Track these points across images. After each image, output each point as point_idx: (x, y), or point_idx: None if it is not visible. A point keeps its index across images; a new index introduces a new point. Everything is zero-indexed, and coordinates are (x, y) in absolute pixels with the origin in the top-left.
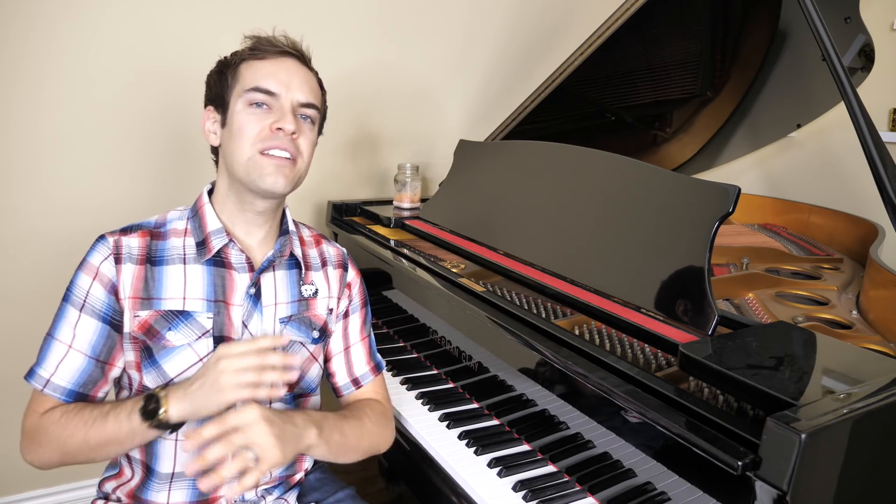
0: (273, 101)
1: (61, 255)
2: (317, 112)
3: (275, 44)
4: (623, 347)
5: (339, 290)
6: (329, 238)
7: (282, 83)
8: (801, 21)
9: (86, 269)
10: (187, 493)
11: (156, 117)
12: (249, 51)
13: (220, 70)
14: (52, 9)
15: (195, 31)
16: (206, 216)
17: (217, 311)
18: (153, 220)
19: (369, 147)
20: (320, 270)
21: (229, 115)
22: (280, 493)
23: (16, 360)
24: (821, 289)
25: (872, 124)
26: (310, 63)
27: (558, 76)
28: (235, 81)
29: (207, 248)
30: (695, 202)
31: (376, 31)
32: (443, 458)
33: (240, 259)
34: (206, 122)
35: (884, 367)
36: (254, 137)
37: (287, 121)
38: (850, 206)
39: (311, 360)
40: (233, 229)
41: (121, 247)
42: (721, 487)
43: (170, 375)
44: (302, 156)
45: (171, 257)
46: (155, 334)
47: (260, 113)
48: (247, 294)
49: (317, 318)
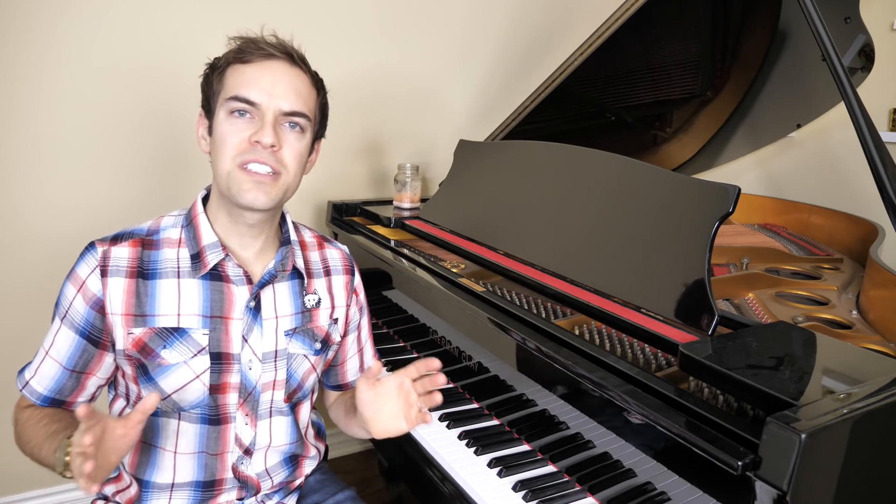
0: (254, 110)
1: (61, 256)
2: (306, 120)
3: (260, 46)
4: (623, 347)
5: (347, 297)
6: (330, 238)
7: (263, 90)
8: (801, 21)
9: (73, 279)
10: (187, 502)
11: (156, 118)
12: (235, 54)
13: (207, 74)
14: (51, 9)
15: (196, 32)
16: (200, 227)
17: (213, 326)
18: (146, 226)
19: (369, 147)
20: (323, 278)
21: (214, 122)
22: (280, 497)
23: (15, 360)
24: (821, 289)
25: (872, 124)
26: (302, 62)
27: (558, 76)
28: (221, 87)
29: (203, 262)
30: (695, 202)
31: (376, 31)
32: (443, 458)
33: (237, 273)
34: (198, 127)
35: (884, 367)
36: (233, 150)
37: (265, 133)
38: (850, 206)
39: (311, 371)
40: (227, 241)
41: (108, 258)
42: (721, 487)
43: (167, 392)
44: (286, 168)
45: (165, 270)
46: (150, 352)
47: (240, 123)
48: (246, 308)
49: (319, 329)
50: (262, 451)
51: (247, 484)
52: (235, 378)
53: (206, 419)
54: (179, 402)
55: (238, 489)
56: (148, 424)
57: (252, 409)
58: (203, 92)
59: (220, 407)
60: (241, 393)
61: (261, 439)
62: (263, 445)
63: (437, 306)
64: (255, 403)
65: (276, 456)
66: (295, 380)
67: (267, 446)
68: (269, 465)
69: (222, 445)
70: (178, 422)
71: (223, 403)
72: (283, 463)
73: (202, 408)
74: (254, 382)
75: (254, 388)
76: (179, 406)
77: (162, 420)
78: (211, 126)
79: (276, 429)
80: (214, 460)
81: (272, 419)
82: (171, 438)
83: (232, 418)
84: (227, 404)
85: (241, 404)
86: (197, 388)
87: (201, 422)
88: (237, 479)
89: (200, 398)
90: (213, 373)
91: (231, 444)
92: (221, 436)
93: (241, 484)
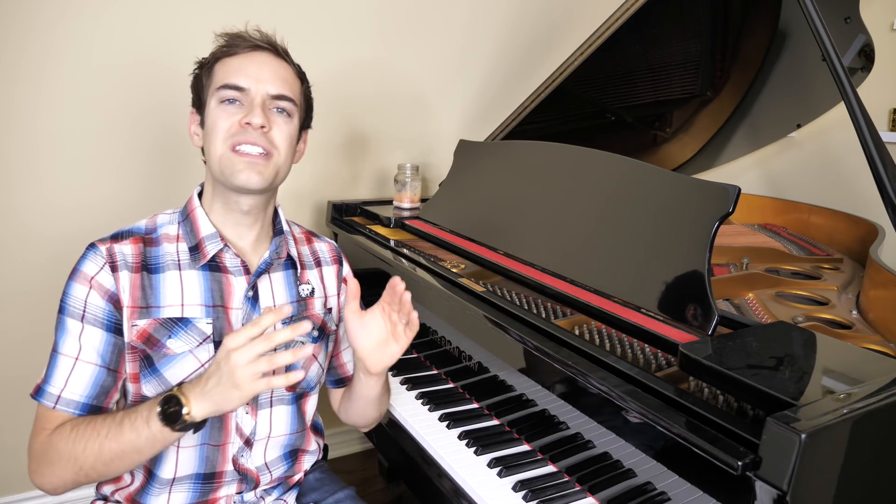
0: (243, 96)
1: (60, 256)
2: (292, 104)
3: (246, 38)
4: (623, 347)
5: (338, 286)
6: (318, 234)
7: (250, 77)
8: (801, 21)
9: (79, 279)
10: (187, 496)
11: (156, 117)
12: (222, 48)
13: (197, 71)
14: (51, 9)
15: (196, 31)
16: (198, 220)
17: (216, 315)
18: (143, 225)
19: (369, 147)
20: (314, 269)
21: (205, 114)
22: (279, 493)
23: (16, 361)
24: (821, 289)
25: (872, 124)
26: (285, 54)
27: (558, 76)
28: (210, 81)
29: (202, 253)
30: (695, 202)
31: (375, 31)
32: (443, 458)
33: (235, 263)
34: (190, 124)
35: (884, 367)
36: (224, 133)
37: (255, 115)
38: (850, 206)
39: (311, 360)
40: (224, 232)
41: (115, 254)
42: (721, 487)
43: (171, 383)
44: (277, 149)
45: (166, 263)
46: (155, 343)
47: (231, 109)
48: (245, 297)
49: (315, 317)
50: (262, 441)
51: (246, 477)
52: None
53: None
54: None
55: (238, 482)
56: None
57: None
58: (193, 90)
59: None
60: None
61: (261, 429)
62: (263, 436)
63: (437, 306)
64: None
65: (276, 450)
66: (295, 366)
67: (267, 436)
68: (268, 459)
69: (224, 436)
70: None
71: None
72: (283, 458)
73: None
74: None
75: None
76: None
77: None
78: (202, 120)
79: (276, 418)
80: (216, 452)
81: (273, 409)
82: None
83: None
84: None
85: None
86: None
87: None
88: (237, 471)
89: None
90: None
91: (232, 433)
92: (223, 425)
93: (241, 477)
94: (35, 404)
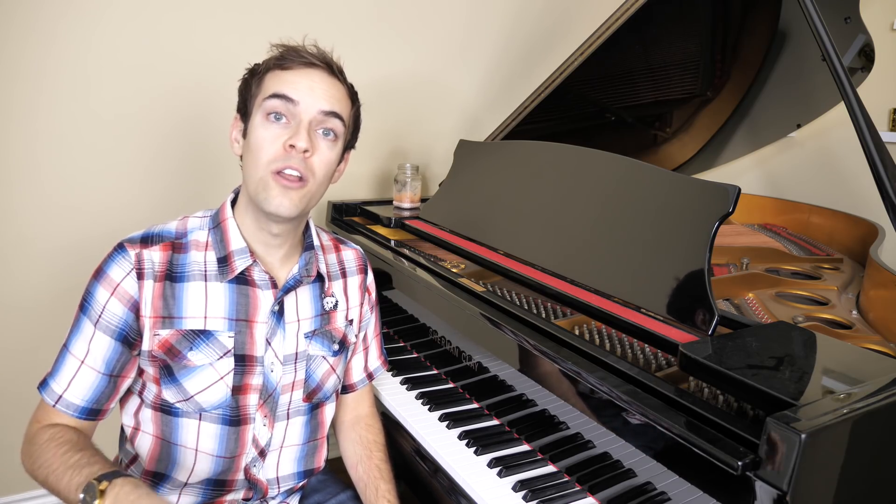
0: (291, 111)
1: (62, 259)
2: (341, 123)
3: (301, 54)
4: (623, 347)
5: (361, 296)
6: (345, 239)
7: (302, 91)
8: (801, 21)
9: (104, 282)
10: (195, 499)
11: (156, 119)
12: (275, 60)
13: (246, 78)
14: (51, 9)
15: (195, 32)
16: (228, 231)
17: (238, 329)
18: (173, 228)
19: (369, 147)
20: (340, 280)
21: (249, 126)
22: (283, 497)
23: (16, 362)
24: (821, 289)
25: (872, 124)
26: (340, 74)
27: (558, 76)
28: (259, 90)
29: (230, 267)
30: (695, 202)
31: (375, 31)
32: (443, 458)
33: (263, 277)
34: (232, 129)
35: (884, 367)
36: (268, 159)
37: (300, 137)
38: (850, 206)
39: (331, 372)
40: (253, 246)
41: (143, 261)
42: (721, 487)
43: (190, 393)
44: (314, 176)
45: (192, 273)
46: (176, 354)
47: (276, 128)
48: (271, 312)
49: (336, 330)
50: (275, 452)
51: (256, 486)
52: (258, 380)
53: (227, 420)
54: (202, 402)
55: (245, 490)
56: (169, 424)
57: (271, 410)
58: (241, 95)
59: (240, 408)
60: (261, 394)
61: (276, 440)
62: (277, 446)
63: (438, 306)
64: (275, 405)
65: (289, 464)
66: (314, 380)
67: (280, 446)
68: (281, 474)
69: (241, 447)
70: (199, 422)
71: (244, 404)
72: (296, 475)
73: (223, 409)
74: (275, 384)
75: (274, 389)
76: (201, 407)
77: (183, 420)
78: (246, 129)
79: (291, 429)
80: (230, 462)
81: (289, 420)
82: (192, 437)
83: (251, 419)
84: (247, 405)
85: (260, 405)
86: (220, 390)
87: (222, 422)
88: (248, 480)
89: (223, 399)
90: (237, 374)
91: (248, 445)
92: (240, 436)
93: (251, 486)
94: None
